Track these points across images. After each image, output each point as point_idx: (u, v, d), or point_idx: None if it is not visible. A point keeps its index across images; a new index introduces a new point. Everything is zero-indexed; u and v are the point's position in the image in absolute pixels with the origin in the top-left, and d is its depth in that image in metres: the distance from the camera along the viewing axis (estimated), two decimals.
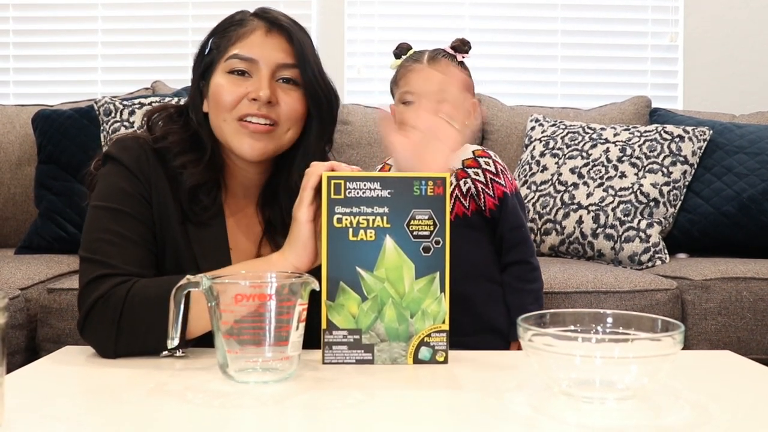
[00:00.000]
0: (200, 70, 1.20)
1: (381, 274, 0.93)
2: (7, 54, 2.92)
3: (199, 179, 1.14)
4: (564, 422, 0.76)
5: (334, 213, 0.94)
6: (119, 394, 0.84)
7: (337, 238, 0.94)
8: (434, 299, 0.94)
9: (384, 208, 0.93)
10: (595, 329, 0.88)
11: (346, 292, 0.94)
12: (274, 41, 1.16)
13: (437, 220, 0.94)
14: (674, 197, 2.26)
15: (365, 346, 0.95)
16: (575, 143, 2.38)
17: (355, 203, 0.94)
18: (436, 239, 0.94)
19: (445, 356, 0.96)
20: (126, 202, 1.09)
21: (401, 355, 0.95)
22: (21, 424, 0.73)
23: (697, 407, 0.81)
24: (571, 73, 2.99)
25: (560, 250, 2.27)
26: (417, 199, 0.93)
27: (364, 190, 0.94)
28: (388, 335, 0.94)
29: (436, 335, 0.95)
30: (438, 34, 2.56)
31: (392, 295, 0.93)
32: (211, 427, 0.73)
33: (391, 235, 0.93)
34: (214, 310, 0.88)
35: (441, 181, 0.94)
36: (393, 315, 0.94)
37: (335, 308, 0.94)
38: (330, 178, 0.94)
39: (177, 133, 1.17)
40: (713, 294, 1.95)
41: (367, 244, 0.93)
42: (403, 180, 0.94)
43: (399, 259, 0.93)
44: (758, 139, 2.35)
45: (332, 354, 0.95)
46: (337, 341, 0.95)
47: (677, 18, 2.99)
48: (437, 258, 0.94)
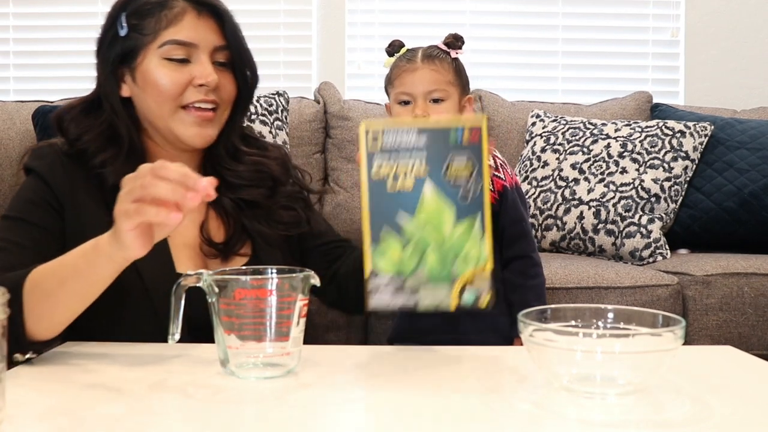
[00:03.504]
0: (116, 52, 1.14)
1: (421, 219, 0.91)
2: (7, 50, 2.92)
3: (121, 175, 1.10)
4: (565, 417, 0.76)
5: (371, 165, 0.92)
6: (120, 389, 0.84)
7: (376, 189, 0.92)
8: (475, 242, 0.91)
9: (421, 157, 0.91)
10: (596, 324, 0.88)
11: (389, 237, 0.92)
12: (206, 23, 1.14)
13: (474, 166, 0.91)
14: (675, 193, 2.26)
15: (408, 290, 0.92)
16: (576, 139, 2.37)
17: (392, 154, 0.92)
18: (473, 185, 0.91)
19: (487, 301, 0.91)
20: (25, 210, 1.07)
21: (445, 300, 0.91)
22: (22, 419, 0.73)
23: (698, 402, 0.81)
24: (572, 68, 2.98)
25: (561, 245, 2.27)
26: (453, 147, 0.91)
27: (401, 139, 0.92)
28: (431, 279, 0.91)
29: (478, 279, 0.91)
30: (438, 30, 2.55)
31: (434, 239, 0.91)
32: (211, 423, 0.73)
33: (430, 182, 0.91)
34: (215, 305, 0.88)
35: (477, 129, 0.91)
36: (435, 259, 0.91)
37: (378, 253, 0.92)
38: (367, 129, 0.92)
39: (92, 130, 1.13)
40: (714, 289, 1.95)
41: (406, 193, 0.92)
42: (439, 128, 0.92)
43: (438, 205, 0.91)
44: (760, 135, 2.34)
45: (377, 299, 0.92)
46: (382, 287, 0.92)
47: (678, 13, 2.98)
48: (476, 202, 0.91)
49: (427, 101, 1.66)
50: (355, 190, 2.51)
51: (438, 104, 1.66)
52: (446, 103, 1.68)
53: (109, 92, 1.15)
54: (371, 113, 2.56)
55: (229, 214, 1.18)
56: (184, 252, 1.15)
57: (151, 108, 1.13)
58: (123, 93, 1.15)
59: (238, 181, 1.19)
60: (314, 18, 2.91)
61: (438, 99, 1.66)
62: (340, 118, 2.56)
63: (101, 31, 1.17)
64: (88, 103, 1.17)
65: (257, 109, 2.37)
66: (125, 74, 1.15)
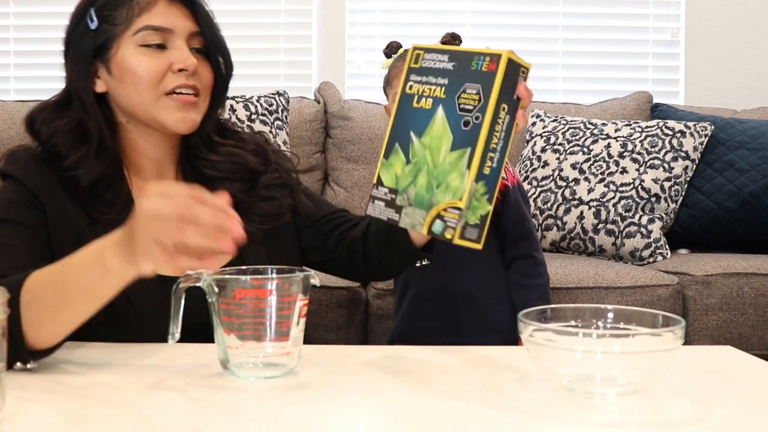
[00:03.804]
0: (89, 47, 1.11)
1: (426, 141, 0.94)
2: (8, 50, 2.92)
3: (94, 174, 1.07)
4: (565, 417, 0.76)
5: (409, 80, 0.96)
6: (120, 388, 0.84)
7: (405, 103, 0.96)
8: (460, 174, 0.90)
9: (445, 80, 0.93)
10: (596, 324, 0.88)
11: (398, 152, 0.96)
12: (179, 10, 1.12)
13: (483, 96, 0.90)
14: (675, 193, 2.26)
15: (397, 206, 0.95)
16: (576, 139, 2.38)
17: (425, 72, 0.95)
18: (476, 114, 0.90)
19: (453, 234, 0.90)
20: (11, 211, 1.05)
21: (419, 223, 0.93)
22: (22, 418, 0.73)
23: (698, 402, 0.81)
24: (572, 68, 2.98)
25: (561, 245, 2.27)
26: (472, 74, 0.91)
27: (435, 61, 0.95)
28: (416, 201, 0.94)
29: (451, 210, 0.90)
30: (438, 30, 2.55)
31: (428, 162, 0.93)
32: (212, 423, 0.73)
33: (444, 105, 0.92)
34: (215, 305, 0.88)
35: (496, 58, 0.90)
36: (424, 182, 0.93)
37: (386, 166, 0.97)
38: (415, 48, 0.97)
39: (62, 130, 1.10)
40: (714, 289, 1.95)
41: (424, 112, 0.94)
42: (466, 54, 0.93)
43: (443, 130, 0.92)
44: (760, 135, 2.34)
45: (373, 207, 0.98)
46: (380, 197, 0.98)
47: (679, 13, 2.98)
48: (472, 134, 0.90)
49: None
50: (355, 190, 2.51)
51: None
52: None
53: (82, 89, 1.12)
54: (371, 113, 2.56)
55: None
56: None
57: (131, 98, 1.11)
58: (97, 89, 1.13)
59: (213, 173, 1.16)
60: (314, 18, 2.91)
61: None
62: (341, 118, 2.56)
63: (68, 29, 1.14)
64: (58, 104, 1.14)
65: (257, 109, 2.37)
66: (99, 69, 1.13)
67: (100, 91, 1.13)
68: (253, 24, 2.87)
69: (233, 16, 2.83)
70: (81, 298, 0.86)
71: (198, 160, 1.17)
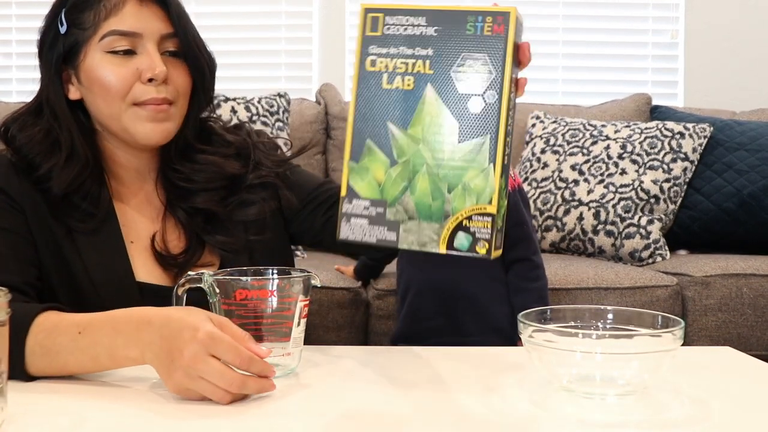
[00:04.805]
0: (58, 52, 1.05)
1: (416, 132, 0.74)
2: (10, 51, 2.92)
3: (64, 183, 1.02)
4: (565, 418, 0.77)
5: (368, 53, 0.76)
6: (121, 389, 0.84)
7: (369, 83, 0.76)
8: (480, 171, 0.73)
9: (428, 50, 0.74)
10: (595, 325, 0.88)
11: (373, 152, 0.75)
12: (150, 11, 1.04)
13: (493, 67, 0.72)
14: (675, 194, 2.26)
15: (389, 222, 0.75)
16: (576, 140, 2.38)
17: (393, 42, 0.75)
18: (489, 93, 0.73)
19: (487, 247, 0.73)
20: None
21: (432, 240, 0.74)
22: (24, 419, 0.74)
23: (697, 403, 0.81)
24: (571, 70, 2.98)
25: (561, 246, 2.27)
26: (470, 39, 0.73)
27: (406, 26, 0.75)
28: (419, 212, 0.74)
29: (478, 219, 0.73)
30: None
31: (428, 160, 0.74)
32: (212, 423, 0.73)
33: (434, 83, 0.74)
34: (216, 306, 0.88)
35: (503, 17, 0.73)
36: (426, 187, 0.74)
37: (358, 171, 0.76)
38: (367, 9, 0.76)
39: (36, 138, 1.04)
40: (713, 290, 1.96)
41: (404, 94, 0.74)
42: (454, 14, 0.74)
43: (440, 116, 0.73)
44: (759, 136, 2.35)
45: (349, 228, 0.76)
46: (357, 213, 0.76)
47: (678, 15, 2.98)
48: (488, 117, 0.73)
49: None
50: None
51: None
52: None
53: (52, 96, 1.06)
54: None
55: (185, 225, 1.10)
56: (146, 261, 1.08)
57: (100, 108, 1.05)
58: (71, 96, 1.07)
59: (188, 185, 1.09)
60: (315, 20, 2.92)
61: None
62: (341, 119, 2.57)
63: (41, 32, 1.07)
64: (31, 111, 1.08)
65: (258, 110, 2.37)
66: (71, 75, 1.06)
67: (74, 98, 1.07)
68: (254, 26, 2.87)
69: (234, 18, 2.83)
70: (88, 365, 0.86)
71: (172, 171, 1.10)
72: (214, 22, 2.77)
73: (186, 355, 0.77)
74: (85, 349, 0.84)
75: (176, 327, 0.79)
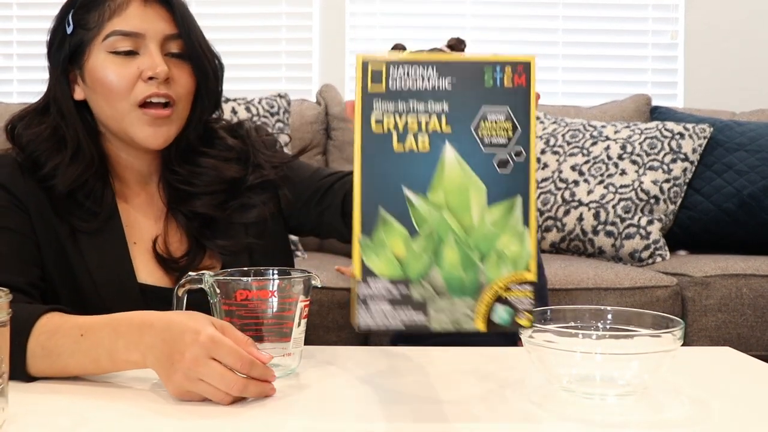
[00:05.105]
0: (65, 53, 1.06)
1: (438, 198, 0.67)
2: (11, 52, 2.92)
3: (69, 181, 1.03)
4: (565, 418, 0.77)
5: (371, 111, 0.68)
6: (123, 389, 0.84)
7: (376, 146, 0.67)
8: (514, 235, 0.68)
9: (442, 105, 0.68)
10: (595, 326, 0.88)
11: (389, 224, 0.67)
12: (155, 11, 1.04)
13: (518, 121, 0.68)
14: (674, 194, 2.27)
15: (416, 303, 0.67)
16: (576, 141, 2.38)
17: (402, 97, 0.68)
18: (516, 149, 0.68)
19: (528, 318, 0.68)
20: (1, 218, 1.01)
21: (467, 317, 0.68)
22: (25, 419, 0.74)
23: (697, 403, 0.81)
24: (571, 71, 2.99)
25: (561, 247, 2.28)
26: (489, 92, 0.68)
27: (414, 78, 0.68)
28: (449, 288, 0.68)
29: (517, 288, 0.68)
30: (439, 32, 2.56)
31: (454, 228, 0.68)
32: (213, 423, 0.74)
33: (453, 142, 0.68)
34: (217, 306, 0.88)
35: (523, 67, 0.68)
36: (455, 258, 0.68)
37: (372, 248, 0.67)
38: (366, 61, 0.68)
39: (42, 136, 1.05)
40: (713, 291, 1.96)
41: (419, 156, 0.67)
42: (469, 65, 0.68)
43: (464, 178, 0.67)
44: (758, 137, 2.35)
45: (369, 314, 0.68)
46: (377, 296, 0.67)
47: (678, 16, 2.99)
48: (518, 176, 0.68)
49: None
50: None
51: None
52: None
53: (59, 96, 1.07)
54: None
55: (186, 228, 1.10)
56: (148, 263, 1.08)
57: (103, 108, 1.05)
58: (76, 96, 1.07)
59: (187, 188, 1.10)
60: (315, 20, 2.92)
61: None
62: (342, 120, 2.57)
63: (50, 32, 1.08)
64: (38, 110, 1.09)
65: (259, 111, 2.38)
66: (77, 75, 1.07)
67: (79, 98, 1.07)
68: (255, 27, 2.87)
69: (234, 19, 2.84)
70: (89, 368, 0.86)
71: (172, 174, 1.10)
72: (215, 23, 2.77)
73: (187, 357, 0.77)
74: (86, 352, 0.84)
75: (178, 330, 0.79)
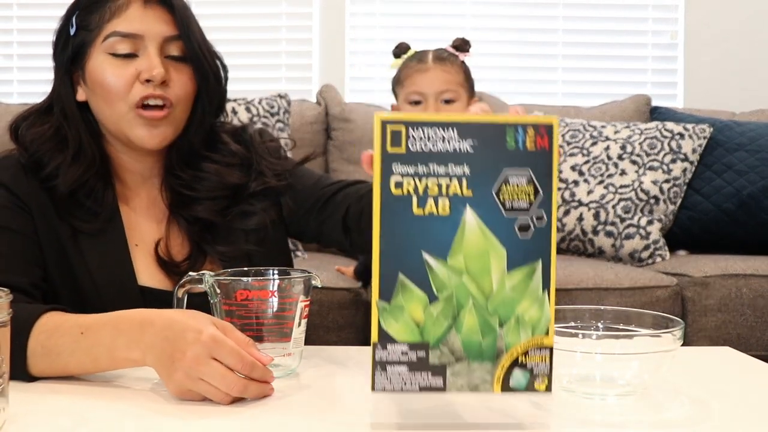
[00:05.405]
0: (68, 54, 1.06)
1: (458, 262, 0.67)
2: (11, 53, 2.92)
3: (70, 180, 1.03)
4: (565, 418, 0.77)
5: (390, 173, 0.67)
6: (123, 389, 0.84)
7: (395, 210, 0.67)
8: (534, 301, 0.67)
9: (463, 168, 0.67)
10: (595, 325, 0.88)
11: (407, 288, 0.67)
12: (155, 13, 1.04)
13: (540, 184, 0.67)
14: (674, 194, 2.27)
15: (434, 367, 0.68)
16: (576, 141, 2.38)
17: (422, 159, 0.67)
18: (537, 213, 0.67)
19: (547, 383, 0.68)
20: (3, 219, 1.01)
21: (485, 381, 0.68)
22: (25, 419, 0.74)
23: (697, 403, 0.82)
24: (571, 71, 2.99)
25: (561, 247, 2.28)
26: (511, 155, 0.67)
27: (435, 140, 0.67)
28: (467, 352, 0.68)
29: (535, 353, 0.68)
30: (439, 33, 2.56)
31: (474, 293, 0.67)
32: (213, 423, 0.74)
33: (474, 206, 0.67)
34: (217, 306, 0.88)
35: (546, 129, 0.67)
36: (475, 323, 0.68)
37: (391, 312, 0.68)
38: (385, 122, 0.67)
39: (45, 136, 1.05)
40: (713, 291, 1.96)
41: (439, 220, 0.67)
42: (491, 126, 0.67)
43: (484, 242, 0.67)
44: (758, 137, 2.35)
45: (386, 377, 0.68)
46: (394, 360, 0.68)
47: (677, 16, 2.99)
48: (539, 240, 0.67)
49: (439, 101, 1.70)
50: None
51: (449, 105, 1.70)
52: (457, 104, 1.73)
53: (63, 97, 1.07)
54: (372, 115, 2.56)
55: (186, 233, 1.10)
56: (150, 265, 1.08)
57: (102, 110, 1.05)
58: (78, 97, 1.08)
59: (189, 192, 1.09)
60: (315, 20, 2.92)
61: (449, 100, 1.70)
62: (342, 120, 2.58)
63: (55, 33, 1.09)
64: (42, 110, 1.09)
65: (259, 111, 2.38)
66: (79, 77, 1.07)
67: (81, 99, 1.08)
68: (255, 27, 2.88)
69: (235, 19, 2.84)
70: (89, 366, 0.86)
71: (174, 177, 1.10)
72: (215, 23, 2.77)
73: (188, 356, 0.77)
74: (86, 350, 0.84)
75: (179, 329, 0.79)
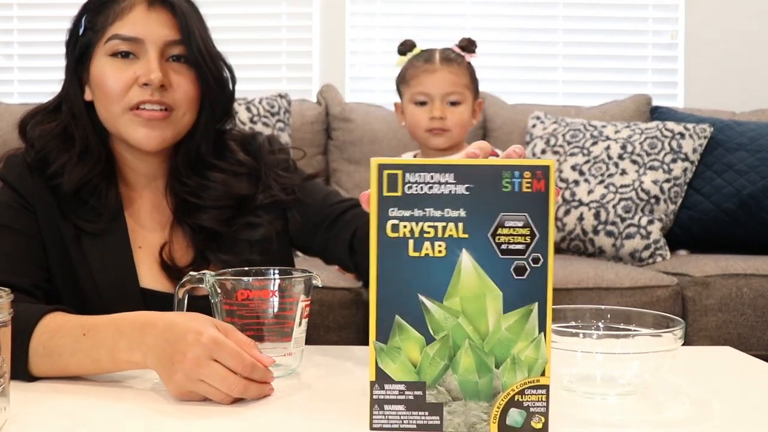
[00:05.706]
0: (76, 54, 1.07)
1: (454, 304, 0.68)
2: (11, 53, 2.93)
3: (75, 179, 1.03)
4: (565, 418, 0.77)
5: (387, 217, 0.68)
6: (124, 389, 0.84)
7: (392, 252, 0.68)
8: (530, 342, 0.68)
9: (459, 211, 0.68)
10: (596, 325, 0.88)
11: (404, 330, 0.69)
12: (158, 16, 1.04)
13: (536, 228, 0.67)
14: (675, 194, 2.27)
15: (431, 406, 0.69)
16: (576, 140, 2.38)
17: (418, 203, 0.68)
18: (533, 256, 0.68)
19: (543, 422, 0.69)
20: (7, 218, 1.02)
21: (481, 420, 0.69)
22: (26, 419, 0.74)
23: (697, 402, 0.82)
24: (572, 71, 2.99)
25: (561, 246, 2.28)
26: (507, 198, 0.67)
27: (431, 184, 0.68)
28: (463, 392, 0.69)
29: (531, 392, 0.69)
30: (440, 33, 2.57)
31: (470, 335, 0.68)
32: (213, 423, 0.74)
33: (470, 249, 0.68)
34: (218, 306, 0.88)
35: (542, 172, 0.67)
36: (471, 363, 0.69)
37: (388, 353, 0.69)
38: (382, 166, 0.68)
39: (51, 133, 1.06)
40: (713, 290, 1.96)
41: (435, 262, 0.68)
42: (487, 169, 0.68)
43: (480, 285, 0.68)
44: (758, 137, 2.35)
45: (383, 416, 0.70)
46: (391, 399, 0.69)
47: (678, 16, 2.99)
48: (535, 283, 0.68)
49: (445, 103, 1.70)
50: (357, 191, 2.52)
51: (455, 106, 1.70)
52: (462, 105, 1.73)
53: (71, 96, 1.08)
54: (372, 115, 2.57)
55: (191, 239, 1.10)
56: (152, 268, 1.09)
57: (101, 111, 1.06)
58: (85, 97, 1.08)
59: (195, 200, 1.09)
60: (315, 20, 2.92)
61: (455, 101, 1.70)
62: (342, 120, 2.58)
63: (68, 33, 1.10)
64: (50, 108, 1.10)
65: (259, 111, 2.38)
66: (86, 77, 1.08)
67: (88, 99, 1.08)
68: (255, 27, 2.88)
69: (235, 19, 2.84)
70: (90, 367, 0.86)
71: (180, 184, 1.10)
72: (215, 23, 2.76)
73: (189, 357, 0.77)
74: (87, 351, 0.84)
75: (180, 331, 0.79)
